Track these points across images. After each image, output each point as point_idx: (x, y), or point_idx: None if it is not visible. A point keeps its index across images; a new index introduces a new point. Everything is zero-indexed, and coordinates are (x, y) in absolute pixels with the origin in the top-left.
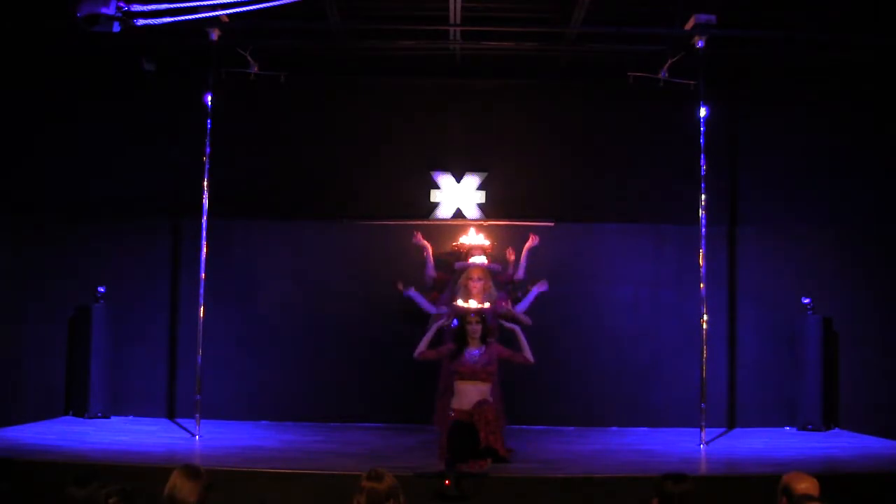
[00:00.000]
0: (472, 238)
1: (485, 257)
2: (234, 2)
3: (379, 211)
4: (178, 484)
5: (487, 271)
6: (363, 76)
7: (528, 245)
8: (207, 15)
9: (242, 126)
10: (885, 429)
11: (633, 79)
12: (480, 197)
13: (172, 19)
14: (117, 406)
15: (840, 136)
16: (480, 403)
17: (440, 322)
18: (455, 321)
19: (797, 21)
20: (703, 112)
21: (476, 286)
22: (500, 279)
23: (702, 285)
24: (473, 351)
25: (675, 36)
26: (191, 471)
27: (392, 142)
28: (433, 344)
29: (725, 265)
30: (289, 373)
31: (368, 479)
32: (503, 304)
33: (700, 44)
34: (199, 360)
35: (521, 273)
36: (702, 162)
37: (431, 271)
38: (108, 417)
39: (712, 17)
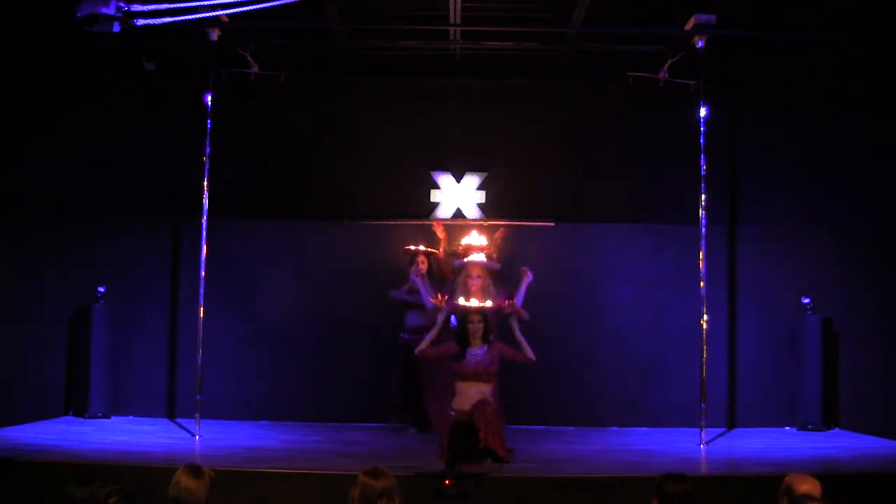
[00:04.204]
0: (475, 239)
1: (483, 255)
2: (234, 2)
3: (379, 211)
4: (186, 484)
5: (486, 269)
6: (363, 76)
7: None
8: (207, 15)
9: (242, 126)
10: (885, 429)
11: (633, 79)
12: (480, 197)
13: (172, 19)
14: (117, 406)
15: (840, 136)
16: (481, 403)
17: (440, 318)
18: (455, 320)
19: (797, 21)
20: (703, 112)
21: (475, 284)
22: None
23: (702, 285)
24: (475, 351)
25: (675, 36)
26: (195, 470)
27: (392, 142)
28: (435, 342)
29: (725, 265)
30: (289, 373)
31: (366, 474)
32: (504, 303)
33: (700, 44)
34: (199, 360)
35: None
36: (702, 162)
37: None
38: (108, 417)
39: (712, 17)
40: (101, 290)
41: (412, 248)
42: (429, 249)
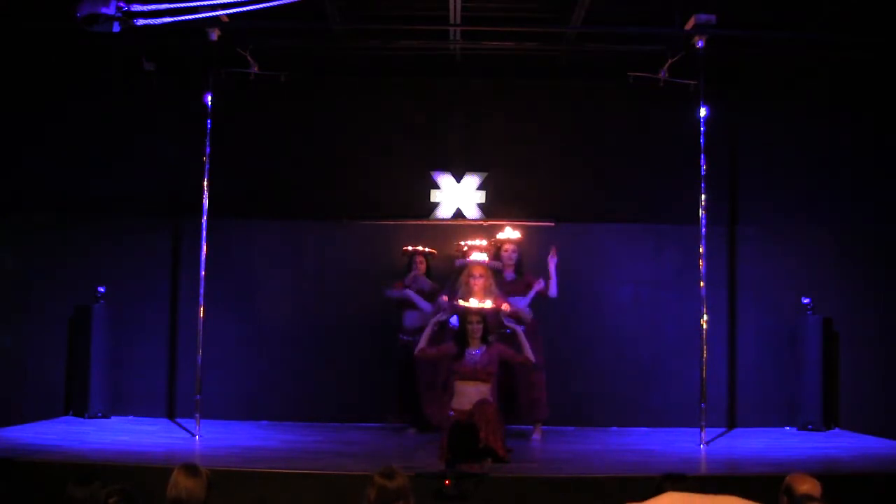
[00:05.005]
0: (510, 233)
1: (486, 255)
2: (234, 2)
3: (379, 211)
4: (184, 484)
5: (489, 269)
6: (363, 76)
7: (552, 264)
8: (207, 15)
9: (242, 126)
10: (885, 429)
11: (633, 79)
12: (480, 197)
13: (172, 19)
14: (117, 406)
15: (840, 135)
16: (481, 402)
17: (438, 317)
18: (455, 320)
19: (797, 21)
20: (703, 112)
21: (477, 283)
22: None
23: (702, 285)
24: (474, 351)
25: (675, 36)
26: (192, 469)
27: (392, 142)
28: (434, 341)
29: (725, 265)
30: (289, 373)
31: (381, 475)
32: (505, 304)
33: (700, 44)
34: (199, 360)
35: (553, 290)
36: (702, 162)
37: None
38: (108, 417)
39: (712, 17)
40: (101, 290)
41: (410, 248)
42: (427, 250)
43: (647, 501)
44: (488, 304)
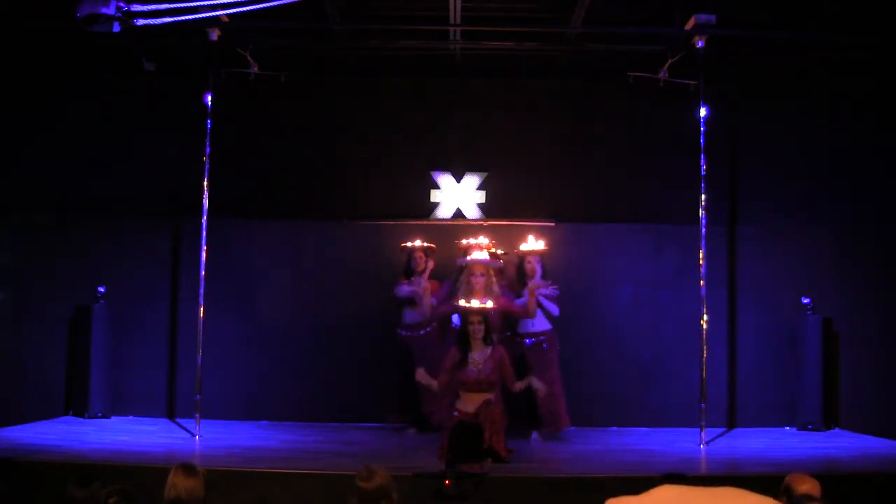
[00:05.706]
0: (533, 244)
1: (486, 254)
2: (234, 2)
3: (379, 211)
4: (183, 484)
5: (489, 268)
6: (363, 76)
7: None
8: (207, 15)
9: (242, 126)
10: (885, 429)
11: (633, 79)
12: (480, 197)
13: (172, 19)
14: (117, 406)
15: (840, 136)
16: (486, 403)
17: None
18: (457, 319)
19: (797, 21)
20: (703, 112)
21: (478, 282)
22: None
23: (702, 284)
24: (477, 355)
25: (675, 36)
26: (189, 469)
27: (392, 142)
28: (435, 362)
29: (725, 265)
30: (289, 373)
31: (360, 478)
32: (507, 301)
33: (700, 44)
34: (199, 360)
35: (553, 309)
36: (702, 162)
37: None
38: (108, 417)
39: (712, 17)
40: (101, 290)
41: (409, 244)
42: (425, 245)
43: (643, 494)
44: (489, 303)
